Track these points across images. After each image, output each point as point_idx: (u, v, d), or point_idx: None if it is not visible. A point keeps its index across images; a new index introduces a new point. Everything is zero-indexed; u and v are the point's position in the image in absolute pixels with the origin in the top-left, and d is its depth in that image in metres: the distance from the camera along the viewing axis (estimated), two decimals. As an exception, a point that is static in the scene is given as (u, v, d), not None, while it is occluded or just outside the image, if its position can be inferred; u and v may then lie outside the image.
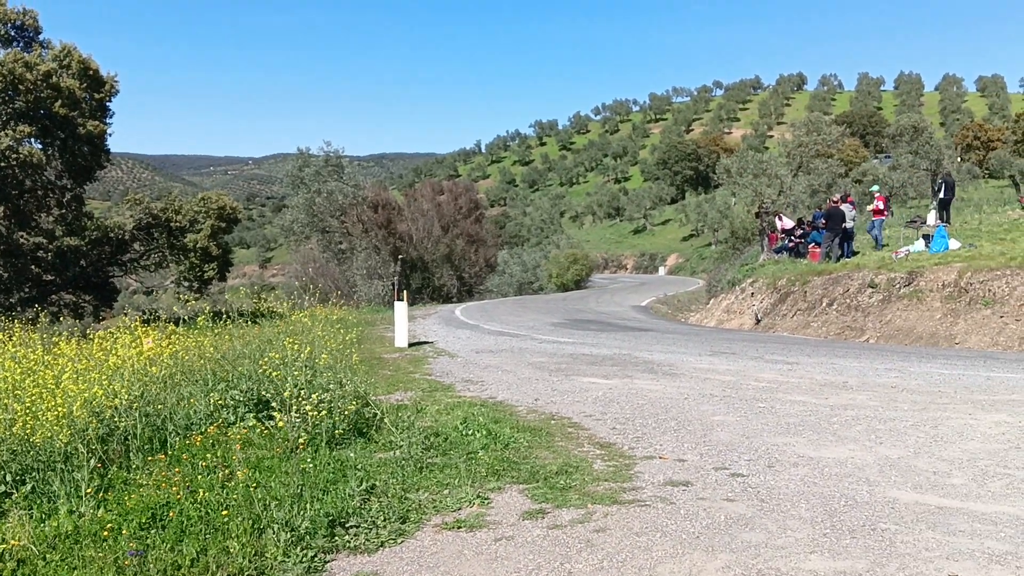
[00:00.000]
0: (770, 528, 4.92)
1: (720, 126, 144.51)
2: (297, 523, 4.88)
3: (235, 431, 7.05)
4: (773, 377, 11.12)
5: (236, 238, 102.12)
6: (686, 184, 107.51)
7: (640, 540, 4.76)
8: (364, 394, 7.88)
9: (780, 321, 21.11)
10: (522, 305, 31.90)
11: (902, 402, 9.04)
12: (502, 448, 6.94)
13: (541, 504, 5.49)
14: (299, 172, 40.86)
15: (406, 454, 6.54)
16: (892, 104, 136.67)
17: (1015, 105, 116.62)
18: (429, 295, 38.92)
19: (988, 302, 16.63)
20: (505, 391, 10.16)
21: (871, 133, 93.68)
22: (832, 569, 4.26)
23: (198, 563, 4.42)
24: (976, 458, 6.49)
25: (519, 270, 55.55)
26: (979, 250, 19.26)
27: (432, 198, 42.66)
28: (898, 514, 5.14)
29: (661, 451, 6.90)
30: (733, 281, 26.89)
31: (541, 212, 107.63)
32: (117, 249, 29.25)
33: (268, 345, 9.34)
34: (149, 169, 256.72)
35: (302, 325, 10.72)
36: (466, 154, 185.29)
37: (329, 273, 39.01)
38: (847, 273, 20.47)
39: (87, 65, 27.24)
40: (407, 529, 5.07)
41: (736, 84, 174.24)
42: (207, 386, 8.19)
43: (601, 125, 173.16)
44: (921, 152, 44.66)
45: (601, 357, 13.61)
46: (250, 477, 5.70)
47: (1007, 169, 58.36)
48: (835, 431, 7.56)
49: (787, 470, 6.22)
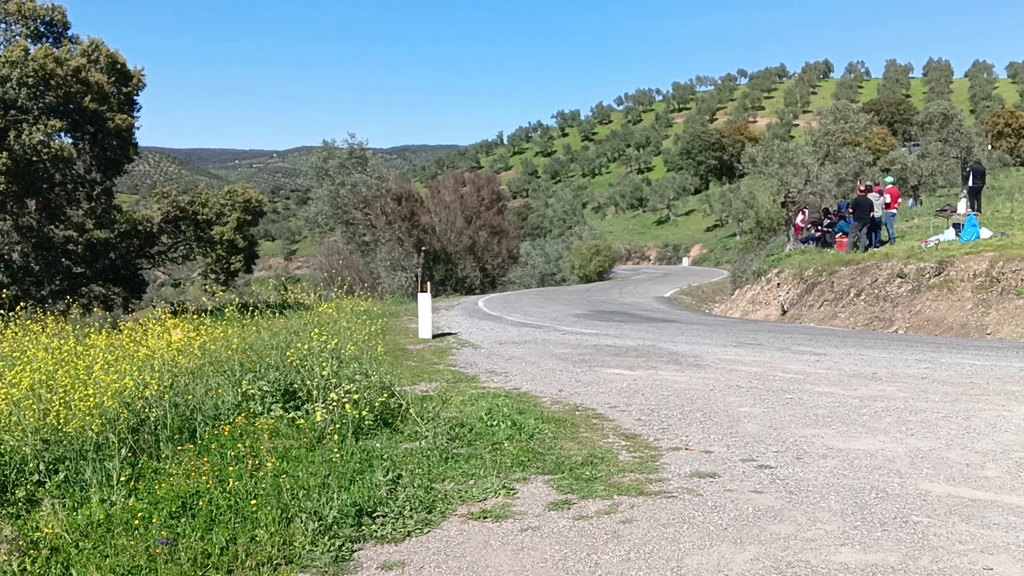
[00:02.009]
0: (799, 520, 4.88)
1: (745, 115, 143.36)
2: (324, 512, 4.90)
3: (263, 421, 7.09)
4: (800, 368, 11.03)
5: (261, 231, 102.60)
6: (710, 174, 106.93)
7: (667, 532, 4.74)
8: (389, 385, 7.90)
9: (807, 312, 20.94)
10: (545, 296, 31.87)
11: (933, 393, 8.93)
12: (527, 439, 6.93)
13: (567, 495, 5.48)
14: (323, 164, 41.00)
15: (431, 444, 6.55)
16: (921, 91, 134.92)
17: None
18: (452, 286, 39.00)
19: (1021, 292, 16.39)
20: (529, 382, 10.16)
21: (899, 121, 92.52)
22: (863, 562, 4.22)
23: (227, 551, 4.45)
24: (1010, 450, 6.40)
25: (541, 261, 55.50)
26: (1011, 239, 18.97)
27: (455, 190, 42.70)
28: (930, 506, 5.08)
29: (687, 442, 6.86)
30: (758, 272, 26.69)
31: (563, 203, 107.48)
32: (145, 242, 29.55)
33: (295, 336, 9.39)
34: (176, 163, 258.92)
35: (328, 317, 10.78)
36: (488, 146, 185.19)
37: (353, 265, 39.19)
38: (875, 263, 20.25)
39: (115, 59, 27.50)
40: (433, 519, 5.08)
41: (761, 72, 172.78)
42: (235, 377, 8.25)
43: (624, 115, 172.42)
44: (951, 140, 44.07)
45: (625, 348, 13.56)
46: (278, 467, 5.74)
47: (1039, 156, 57.45)
48: (864, 423, 7.49)
49: (816, 462, 6.17)
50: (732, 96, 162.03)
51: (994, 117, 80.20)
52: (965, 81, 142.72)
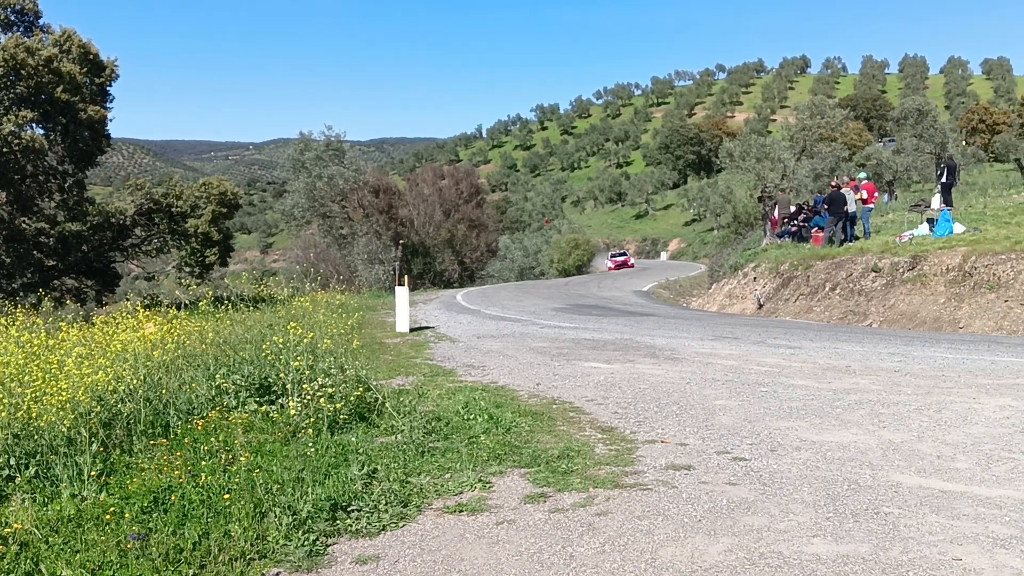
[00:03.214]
0: (772, 512, 4.91)
1: (723, 110, 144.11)
2: (299, 507, 4.88)
3: (237, 416, 7.05)
4: (776, 361, 11.10)
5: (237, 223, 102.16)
6: (688, 169, 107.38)
7: (642, 524, 4.76)
8: (365, 379, 7.87)
9: (783, 306, 21.08)
10: (523, 290, 31.88)
11: (905, 386, 9.01)
12: (504, 432, 6.93)
13: (543, 488, 5.48)
14: (300, 156, 40.72)
15: (408, 438, 6.53)
16: (896, 87, 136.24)
17: (1021, 88, 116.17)
18: (430, 280, 38.90)
19: (993, 286, 16.59)
20: (507, 376, 10.15)
21: (875, 116, 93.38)
22: (835, 553, 4.25)
23: (200, 546, 4.42)
24: (980, 442, 6.47)
25: (520, 255, 55.60)
26: (984, 234, 19.19)
27: (433, 183, 42.57)
28: (901, 498, 5.13)
29: (663, 435, 6.89)
30: (735, 266, 26.85)
31: (542, 197, 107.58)
32: (118, 234, 29.21)
33: (270, 330, 9.33)
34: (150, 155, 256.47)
35: (303, 310, 10.72)
36: (467, 139, 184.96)
37: (330, 258, 38.98)
38: (850, 257, 20.42)
39: (87, 50, 27.13)
40: (409, 513, 5.07)
41: (739, 67, 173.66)
42: (209, 371, 8.19)
43: (603, 109, 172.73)
44: (926, 135, 44.48)
45: (603, 342, 13.59)
46: (252, 461, 5.71)
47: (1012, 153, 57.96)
48: (838, 415, 7.55)
49: (790, 454, 6.21)
50: (710, 91, 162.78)
51: (968, 113, 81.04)
52: (940, 77, 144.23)
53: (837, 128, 34.15)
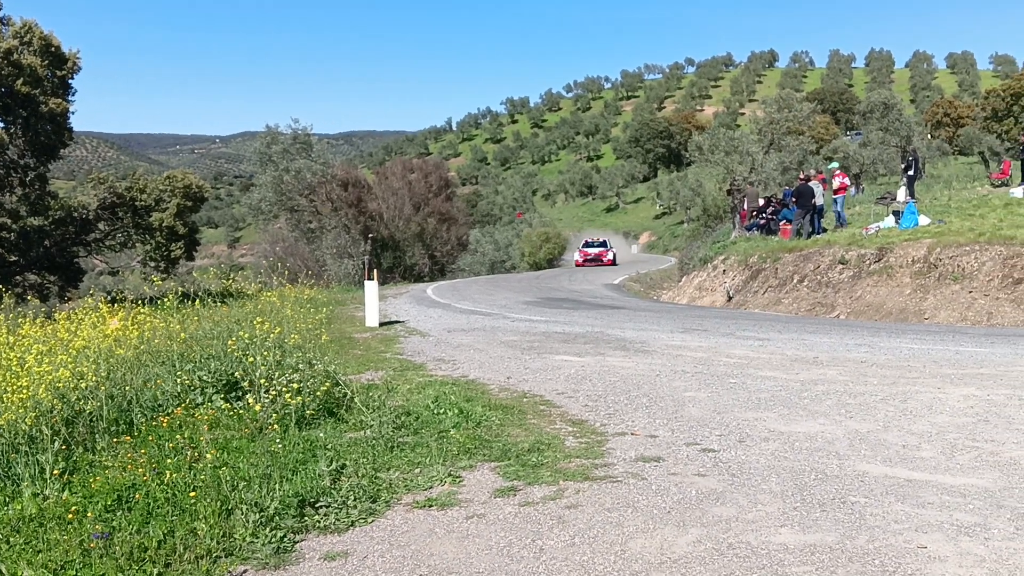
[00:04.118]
0: (741, 502, 4.94)
1: (692, 103, 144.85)
2: (266, 504, 4.82)
3: (203, 412, 6.97)
4: (744, 353, 11.18)
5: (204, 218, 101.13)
6: (658, 162, 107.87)
7: (612, 516, 4.76)
8: (334, 374, 7.81)
9: (752, 298, 21.25)
10: (494, 284, 31.85)
11: (872, 377, 9.11)
12: (474, 426, 6.91)
13: (513, 482, 5.47)
14: (267, 150, 40.28)
15: (377, 433, 6.49)
16: (863, 81, 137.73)
17: (984, 82, 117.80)
18: (400, 274, 38.73)
19: (957, 277, 16.83)
20: (477, 370, 10.12)
21: (842, 110, 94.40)
22: (802, 542, 4.28)
23: (165, 545, 4.35)
24: (945, 431, 6.56)
25: (491, 249, 55.57)
26: (948, 226, 19.46)
27: (403, 176, 42.38)
28: (868, 487, 5.18)
29: (633, 427, 6.90)
30: (705, 259, 27.01)
31: (513, 190, 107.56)
32: (81, 229, 28.77)
33: (236, 326, 9.22)
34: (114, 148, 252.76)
35: (271, 305, 10.61)
36: (437, 132, 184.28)
37: (298, 252, 38.68)
38: (818, 250, 20.62)
39: (49, 42, 26.66)
40: (378, 508, 5.03)
41: (708, 61, 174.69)
42: (174, 367, 8.08)
43: (573, 103, 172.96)
44: (891, 129, 45.01)
45: (573, 335, 13.61)
46: (218, 458, 5.64)
47: (976, 146, 58.97)
48: (805, 406, 7.61)
49: (758, 445, 6.25)
50: (680, 84, 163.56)
51: (933, 107, 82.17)
52: (906, 71, 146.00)
53: (805, 121, 34.50)
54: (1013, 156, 34.69)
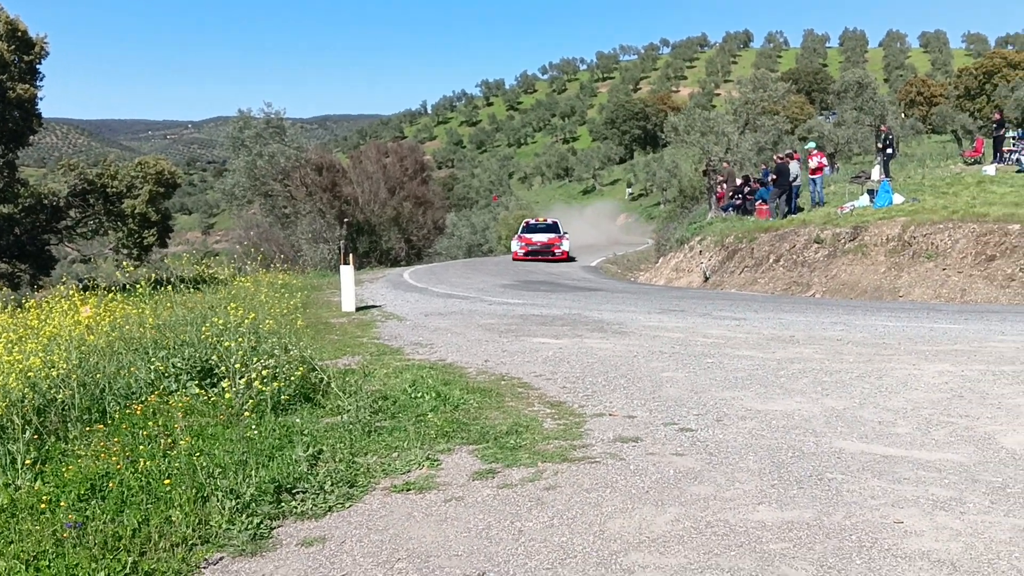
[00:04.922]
0: (719, 481, 4.95)
1: (667, 84, 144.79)
2: (242, 490, 4.78)
3: (177, 399, 6.89)
4: (721, 333, 11.22)
5: (177, 204, 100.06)
6: (635, 144, 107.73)
7: (590, 496, 4.76)
8: (310, 359, 7.75)
9: (728, 278, 21.34)
10: (471, 267, 31.78)
11: (847, 354, 9.18)
12: (452, 410, 6.88)
13: (491, 464, 5.45)
14: (239, 134, 39.80)
15: (354, 418, 6.44)
16: (837, 61, 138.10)
17: (957, 60, 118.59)
18: (377, 259, 38.50)
19: (931, 255, 16.99)
20: (455, 353, 10.09)
21: (817, 90, 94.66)
22: (780, 519, 4.30)
23: (140, 533, 4.30)
24: (920, 407, 6.61)
25: (468, 232, 55.40)
26: (922, 204, 19.64)
27: (377, 160, 42.07)
28: (844, 464, 5.21)
29: (611, 408, 6.91)
30: (681, 239, 27.09)
31: (489, 173, 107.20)
32: (52, 216, 28.33)
33: (211, 312, 9.12)
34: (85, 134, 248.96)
35: (245, 291, 10.50)
36: (412, 115, 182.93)
37: (273, 238, 38.37)
38: (793, 229, 20.73)
39: (15, 26, 26.10)
40: (355, 493, 5.00)
41: (683, 42, 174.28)
42: (148, 355, 7.98)
43: (548, 84, 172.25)
44: (865, 108, 45.18)
45: (551, 317, 13.60)
46: (193, 445, 5.59)
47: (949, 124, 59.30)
48: (782, 384, 7.65)
49: (735, 424, 6.27)
50: (655, 65, 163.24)
51: (907, 86, 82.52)
52: (880, 51, 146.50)
53: (779, 101, 34.60)
54: (986, 134, 35.01)
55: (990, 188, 20.55)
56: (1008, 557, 3.79)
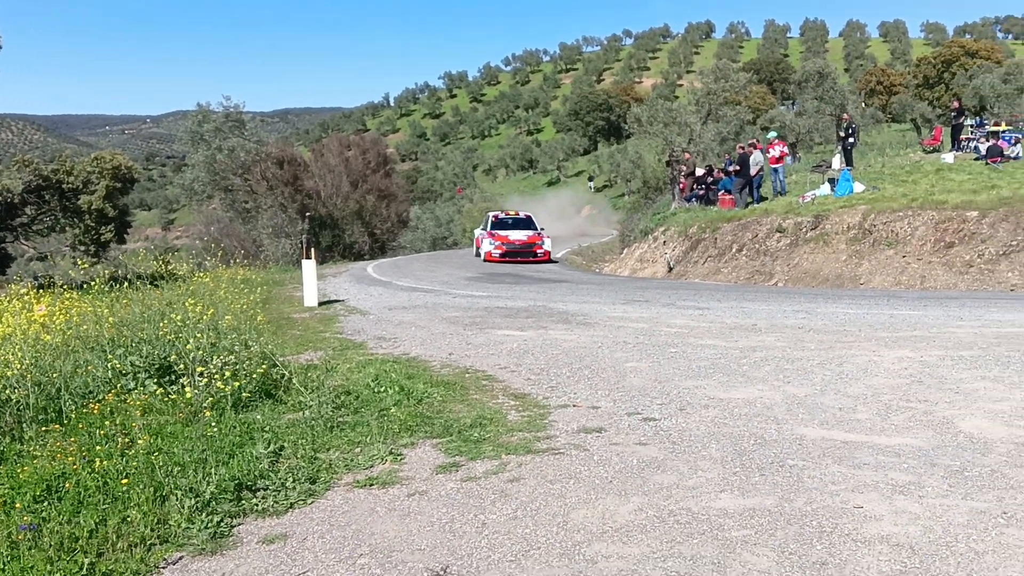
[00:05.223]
0: (681, 470, 4.97)
1: (631, 76, 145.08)
2: (202, 489, 4.71)
3: (135, 398, 6.77)
4: (685, 323, 11.29)
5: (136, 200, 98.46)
6: (598, 135, 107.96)
7: (554, 487, 4.76)
8: (271, 355, 7.66)
9: (692, 268, 21.48)
10: (436, 260, 31.68)
11: (809, 342, 9.28)
12: (415, 403, 6.84)
13: (455, 457, 5.43)
14: (199, 128, 39.19)
15: (316, 414, 6.38)
16: (798, 51, 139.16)
17: (916, 50, 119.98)
18: (340, 253, 38.15)
19: (891, 243, 17.23)
20: (419, 347, 10.04)
21: (778, 80, 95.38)
22: (741, 506, 4.33)
23: (97, 534, 4.22)
24: (880, 393, 6.70)
25: (432, 225, 55.23)
26: (882, 192, 19.90)
27: (340, 153, 41.65)
28: (805, 450, 5.26)
29: (575, 399, 6.91)
30: (645, 230, 27.20)
31: (453, 166, 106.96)
32: (7, 213, 27.74)
33: (169, 308, 8.98)
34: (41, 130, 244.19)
35: (205, 287, 10.34)
36: (374, 108, 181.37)
37: (234, 233, 37.87)
38: (756, 219, 20.91)
39: (-36, 19, 25.53)
40: (317, 489, 4.95)
41: (645, 33, 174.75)
42: (105, 353, 7.84)
43: (512, 76, 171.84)
44: (826, 98, 45.62)
45: (516, 309, 13.59)
46: (151, 444, 5.49)
47: (909, 113, 60.10)
48: (744, 372, 7.71)
49: (698, 412, 6.31)
50: (618, 56, 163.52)
51: (867, 75, 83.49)
52: (840, 41, 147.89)
53: (741, 92, 34.85)
54: (944, 122, 35.58)
55: (948, 176, 20.88)
56: (965, 540, 3.84)
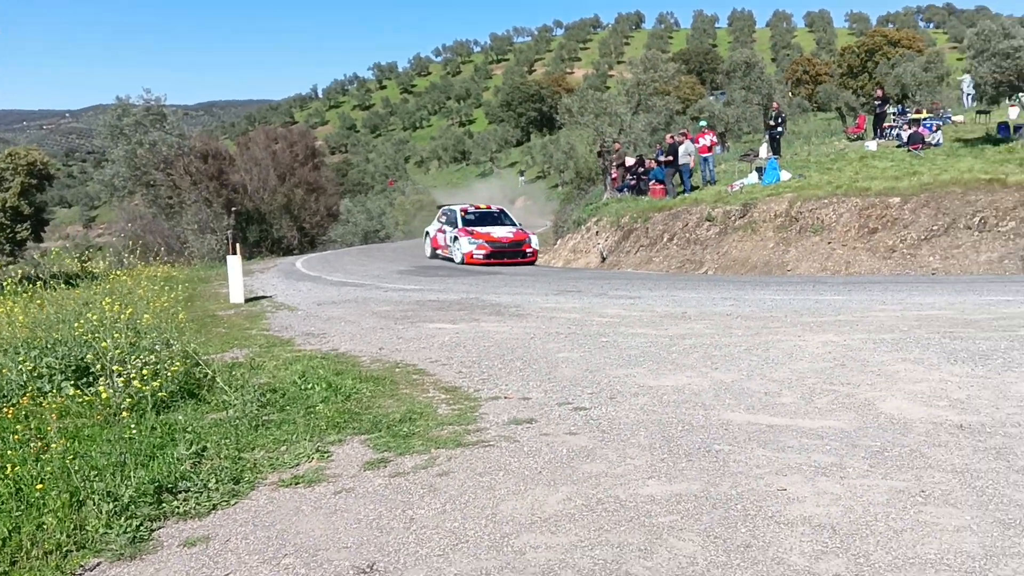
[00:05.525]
0: (610, 458, 4.99)
1: (562, 66, 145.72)
2: (120, 492, 4.57)
3: (51, 400, 6.52)
4: (616, 312, 11.37)
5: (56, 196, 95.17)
6: (531, 126, 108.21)
7: (483, 480, 4.73)
8: (194, 353, 7.45)
9: (624, 258, 21.67)
10: (367, 254, 31.37)
11: (737, 329, 9.42)
12: (343, 400, 6.74)
13: (383, 453, 5.36)
14: (118, 123, 37.92)
15: (240, 413, 6.23)
16: (726, 41, 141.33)
17: (841, 40, 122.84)
18: (268, 248, 37.41)
19: (817, 229, 17.63)
20: (348, 342, 9.90)
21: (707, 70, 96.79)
22: (669, 492, 4.36)
23: (10, 542, 4.07)
24: (804, 377, 6.83)
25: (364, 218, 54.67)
26: (808, 180, 20.35)
27: (267, 146, 40.79)
28: (731, 435, 5.33)
29: (506, 391, 6.89)
30: (578, 221, 27.33)
31: (385, 158, 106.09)
32: (-85, 212, 26.60)
33: (85, 308, 8.67)
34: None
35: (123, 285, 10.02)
36: (302, 100, 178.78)
37: (157, 229, 36.84)
38: (686, 208, 21.18)
39: None
40: (241, 490, 4.83)
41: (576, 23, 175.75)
42: (18, 355, 7.53)
43: (443, 67, 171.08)
44: (754, 87, 46.43)
45: (448, 302, 13.52)
46: (68, 448, 5.28)
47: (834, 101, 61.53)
48: (674, 360, 7.79)
49: (628, 400, 6.35)
50: (549, 47, 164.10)
51: (793, 65, 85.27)
52: (767, 31, 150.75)
53: (671, 82, 35.23)
54: (868, 111, 36.55)
55: (872, 163, 21.46)
56: (885, 519, 3.93)
